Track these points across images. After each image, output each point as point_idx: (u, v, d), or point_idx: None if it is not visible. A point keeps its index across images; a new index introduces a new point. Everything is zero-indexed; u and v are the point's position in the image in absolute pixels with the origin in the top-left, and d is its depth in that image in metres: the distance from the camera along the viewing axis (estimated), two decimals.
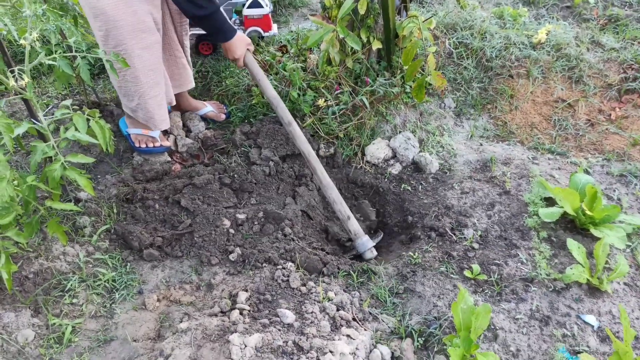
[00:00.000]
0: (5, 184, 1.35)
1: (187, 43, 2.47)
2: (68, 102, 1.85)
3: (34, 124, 1.77)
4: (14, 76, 1.69)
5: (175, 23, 2.35)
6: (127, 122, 2.42)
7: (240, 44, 2.23)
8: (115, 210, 2.15)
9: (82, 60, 1.86)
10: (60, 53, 1.77)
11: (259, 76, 2.32)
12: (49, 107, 2.62)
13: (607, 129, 2.77)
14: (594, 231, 2.02)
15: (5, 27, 1.98)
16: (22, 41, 1.70)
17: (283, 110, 2.29)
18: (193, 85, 2.59)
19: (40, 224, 1.90)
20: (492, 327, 1.76)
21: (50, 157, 1.72)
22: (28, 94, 1.74)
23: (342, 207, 2.20)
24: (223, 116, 2.77)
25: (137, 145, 2.40)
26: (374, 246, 2.19)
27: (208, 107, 2.74)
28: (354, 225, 2.18)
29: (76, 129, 1.76)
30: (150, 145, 2.40)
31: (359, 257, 2.20)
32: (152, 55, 2.10)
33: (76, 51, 1.86)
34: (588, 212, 2.02)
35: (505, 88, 2.95)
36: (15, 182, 1.48)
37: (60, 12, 2.12)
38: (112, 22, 1.94)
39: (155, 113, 2.26)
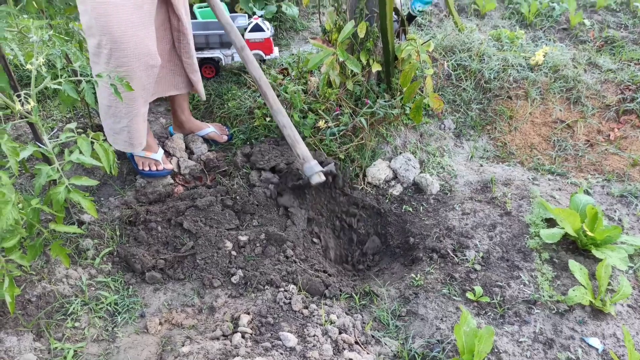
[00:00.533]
0: (11, 207, 1.36)
1: (191, 61, 2.43)
2: (72, 125, 1.87)
3: (39, 147, 1.79)
4: (20, 100, 1.71)
5: (174, 39, 2.37)
6: None
7: None
8: (118, 233, 2.16)
9: (87, 85, 1.89)
10: (65, 77, 1.80)
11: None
12: (54, 130, 2.64)
13: (606, 149, 2.79)
14: (595, 252, 2.02)
15: (12, 51, 2.01)
16: (28, 66, 1.73)
17: (236, 36, 2.34)
18: (176, 92, 2.53)
19: (44, 246, 1.90)
20: (496, 350, 1.75)
21: (55, 179, 1.74)
22: (34, 117, 1.76)
23: (291, 131, 2.26)
24: (225, 137, 2.79)
25: (140, 168, 2.43)
26: (326, 173, 2.24)
27: (210, 128, 2.77)
28: (302, 149, 2.23)
29: (80, 152, 1.78)
30: (154, 168, 2.43)
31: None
32: (149, 77, 2.13)
33: (81, 75, 1.89)
34: (589, 233, 2.02)
35: (504, 109, 2.98)
36: (20, 205, 1.50)
37: (66, 38, 2.16)
38: (118, 43, 1.95)
39: (142, 132, 2.27)
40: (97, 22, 1.93)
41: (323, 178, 2.20)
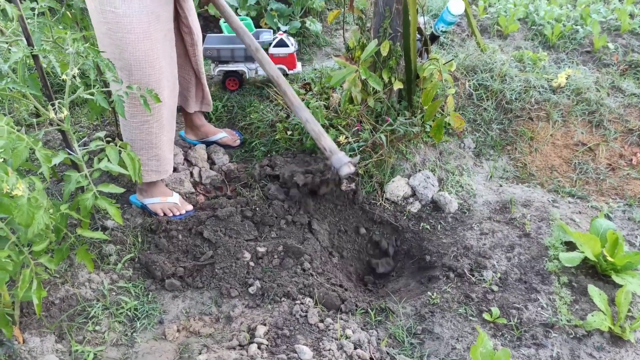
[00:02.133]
0: (42, 213, 1.42)
1: (202, 70, 2.56)
2: (102, 133, 1.93)
3: (70, 154, 1.85)
4: (54, 109, 1.78)
5: (190, 55, 2.45)
6: (138, 196, 2.37)
7: None
8: (140, 239, 2.20)
9: (117, 96, 1.95)
10: (98, 88, 1.87)
11: (223, 6, 2.34)
12: (83, 139, 2.72)
13: (628, 174, 2.76)
14: (615, 278, 2.00)
15: (45, 59, 2.09)
16: (63, 76, 1.80)
17: (250, 39, 2.36)
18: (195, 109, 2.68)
19: (69, 250, 1.96)
20: None
21: (83, 186, 1.79)
22: (66, 126, 1.82)
23: (315, 126, 2.22)
24: (238, 142, 2.88)
25: (160, 214, 2.34)
26: (353, 164, 2.15)
27: (223, 134, 2.85)
28: (328, 142, 2.17)
29: (108, 160, 1.83)
30: (176, 212, 2.35)
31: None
32: (173, 102, 2.20)
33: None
34: (609, 259, 2.01)
35: (525, 130, 2.98)
36: (51, 211, 1.55)
37: (99, 50, 2.23)
38: (153, 75, 2.02)
39: (168, 157, 2.29)
40: (132, 56, 1.96)
41: (352, 169, 2.12)
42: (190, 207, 2.41)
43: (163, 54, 2.05)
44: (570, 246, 2.23)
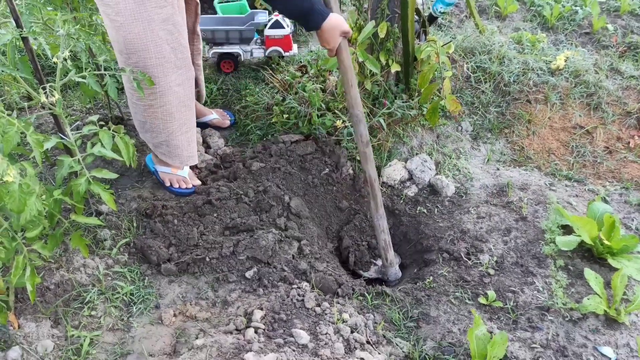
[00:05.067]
0: (35, 199, 1.40)
1: (200, 63, 2.53)
2: (95, 117, 1.90)
3: (62, 138, 1.83)
4: (45, 92, 1.75)
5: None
6: (154, 159, 2.40)
7: (333, 32, 1.96)
8: (135, 224, 2.19)
9: (110, 79, 1.92)
10: (90, 71, 1.83)
11: (349, 75, 2.06)
12: (75, 123, 2.68)
13: (625, 157, 2.75)
14: (611, 261, 2.00)
15: (35, 41, 2.04)
16: (54, 59, 1.76)
17: (365, 128, 2.15)
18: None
19: (63, 236, 1.94)
20: (508, 356, 1.75)
21: (76, 171, 1.77)
22: (58, 109, 1.79)
23: (387, 236, 2.22)
24: (227, 122, 2.86)
25: (166, 184, 2.38)
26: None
27: (213, 115, 2.82)
28: (391, 255, 2.25)
29: (102, 145, 1.81)
30: (183, 185, 2.37)
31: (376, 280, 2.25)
32: (186, 90, 2.14)
33: (105, 69, 1.92)
34: (606, 242, 2.01)
35: (522, 113, 2.96)
36: (44, 197, 1.53)
37: (90, 32, 2.18)
38: (150, 59, 1.96)
39: (184, 149, 2.26)
40: (125, 40, 1.91)
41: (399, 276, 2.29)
42: (197, 183, 2.42)
43: (162, 38, 1.97)
44: (567, 230, 2.23)
